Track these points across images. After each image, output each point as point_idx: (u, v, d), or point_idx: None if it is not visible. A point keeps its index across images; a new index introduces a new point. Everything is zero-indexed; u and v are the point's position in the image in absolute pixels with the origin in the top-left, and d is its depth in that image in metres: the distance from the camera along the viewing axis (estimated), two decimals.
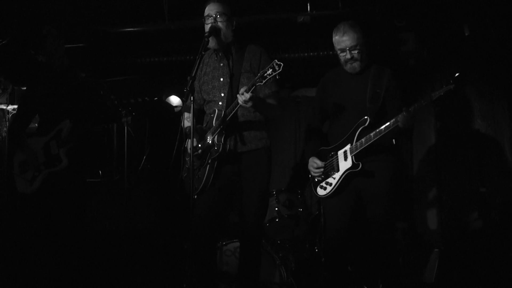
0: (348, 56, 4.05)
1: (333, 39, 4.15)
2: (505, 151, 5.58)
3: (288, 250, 5.30)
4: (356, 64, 4.09)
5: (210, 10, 3.97)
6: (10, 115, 6.24)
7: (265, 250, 4.91)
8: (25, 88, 6.08)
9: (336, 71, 4.31)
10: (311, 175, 4.26)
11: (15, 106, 6.20)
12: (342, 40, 4.06)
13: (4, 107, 6.21)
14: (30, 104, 4.73)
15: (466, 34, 5.45)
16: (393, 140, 4.10)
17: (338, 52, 4.12)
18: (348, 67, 4.12)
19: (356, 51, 4.05)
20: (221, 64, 4.06)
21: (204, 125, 4.08)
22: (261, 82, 3.54)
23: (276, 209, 5.32)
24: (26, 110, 4.77)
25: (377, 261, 4.11)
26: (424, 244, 5.60)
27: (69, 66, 4.69)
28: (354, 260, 4.93)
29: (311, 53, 6.07)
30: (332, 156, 4.14)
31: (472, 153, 5.67)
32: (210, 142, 3.93)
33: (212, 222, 3.98)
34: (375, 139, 3.88)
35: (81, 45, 5.95)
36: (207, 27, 3.92)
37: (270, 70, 3.50)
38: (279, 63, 3.49)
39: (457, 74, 3.68)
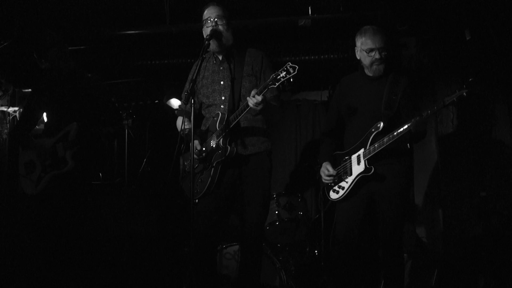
0: (377, 56, 4.02)
1: (361, 39, 4.10)
2: (506, 155, 5.57)
3: (288, 253, 5.30)
4: (382, 67, 4.07)
5: (210, 13, 3.97)
6: (11, 117, 6.25)
7: (265, 254, 4.90)
8: (29, 89, 6.11)
9: (353, 76, 4.31)
10: (323, 181, 4.26)
11: (16, 108, 6.21)
12: (373, 39, 4.01)
13: (5, 109, 6.21)
14: (36, 106, 4.73)
15: (467, 38, 5.45)
16: (408, 144, 4.09)
17: (366, 52, 4.05)
18: (374, 68, 4.08)
19: (384, 53, 4.03)
20: (221, 68, 4.06)
21: (203, 128, 4.09)
22: (275, 84, 3.51)
23: (277, 212, 5.33)
24: (32, 111, 4.76)
25: (382, 263, 4.11)
26: (424, 248, 5.59)
27: (74, 68, 4.70)
28: (360, 263, 4.93)
29: (312, 57, 6.06)
30: (346, 160, 4.14)
31: (473, 157, 5.67)
32: (214, 146, 3.92)
33: (214, 225, 3.98)
34: (388, 143, 3.88)
35: (82, 47, 5.96)
36: (207, 30, 3.91)
37: (284, 73, 3.47)
38: (293, 65, 3.45)
39: (470, 79, 3.67)
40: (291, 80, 3.47)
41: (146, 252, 5.53)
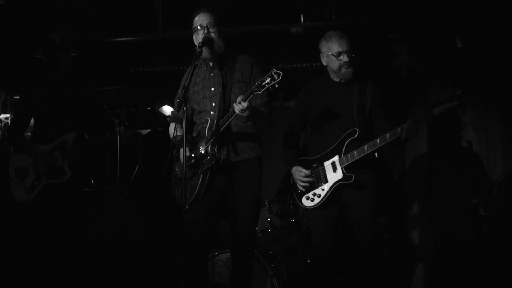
0: (346, 59, 4.05)
1: (327, 45, 4.14)
2: (497, 162, 5.59)
3: (280, 260, 5.29)
4: (351, 70, 4.09)
5: (202, 20, 3.96)
6: (2, 124, 6.22)
7: (257, 261, 4.90)
8: (19, 94, 6.09)
9: (318, 80, 4.32)
10: (297, 186, 4.22)
11: (8, 115, 6.19)
12: (340, 43, 4.06)
13: None
14: (27, 110, 4.70)
15: (459, 46, 5.48)
16: (376, 153, 4.08)
17: (334, 56, 4.08)
18: (343, 72, 4.09)
19: (352, 55, 4.06)
20: (212, 74, 4.06)
21: (194, 135, 4.08)
22: (260, 91, 3.52)
23: (269, 219, 5.31)
24: (23, 115, 4.73)
25: (364, 271, 4.11)
26: (415, 255, 5.60)
27: (72, 74, 4.69)
28: (344, 270, 4.93)
29: (304, 64, 6.09)
30: (317, 167, 4.11)
31: (464, 164, 5.68)
32: (203, 152, 3.92)
33: (205, 232, 3.97)
34: (369, 151, 3.88)
35: (74, 54, 5.94)
36: (199, 38, 3.91)
37: (269, 79, 3.47)
38: (278, 71, 3.46)
39: (459, 91, 3.68)
40: (276, 86, 3.47)
41: (137, 259, 5.50)
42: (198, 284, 3.97)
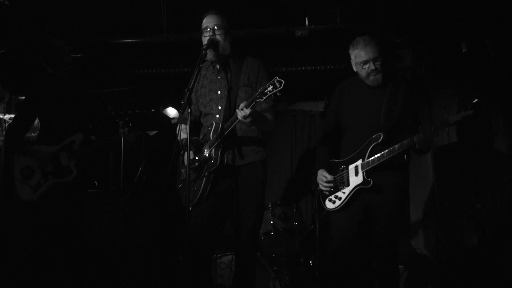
0: (372, 67, 3.99)
1: (353, 52, 4.09)
2: (501, 167, 5.59)
3: (283, 263, 5.29)
4: (379, 76, 4.04)
5: (208, 22, 3.98)
6: (6, 124, 6.23)
7: (260, 263, 4.90)
8: (24, 95, 6.10)
9: (353, 81, 4.27)
10: (320, 188, 4.24)
11: (12, 116, 6.19)
12: (366, 51, 4.00)
13: (1, 116, 6.20)
14: (31, 112, 4.73)
15: (463, 50, 5.48)
16: (405, 155, 4.08)
17: (360, 65, 4.04)
18: (371, 79, 4.06)
19: (379, 63, 4.01)
20: (219, 77, 4.07)
21: (200, 137, 4.09)
22: (261, 98, 3.54)
23: (272, 222, 5.32)
24: (26, 117, 4.76)
25: (377, 274, 4.10)
26: (419, 259, 5.59)
27: (72, 77, 4.72)
28: (354, 274, 4.92)
29: (308, 67, 6.07)
30: (343, 169, 4.12)
31: (468, 169, 5.68)
32: (207, 155, 3.93)
33: (208, 235, 3.98)
34: (388, 157, 3.88)
35: (79, 55, 5.96)
36: (205, 40, 3.93)
37: (271, 87, 3.50)
38: (280, 80, 3.48)
39: (475, 100, 3.67)
40: (278, 94, 3.50)
41: (140, 260, 5.50)
42: (201, 286, 3.97)
